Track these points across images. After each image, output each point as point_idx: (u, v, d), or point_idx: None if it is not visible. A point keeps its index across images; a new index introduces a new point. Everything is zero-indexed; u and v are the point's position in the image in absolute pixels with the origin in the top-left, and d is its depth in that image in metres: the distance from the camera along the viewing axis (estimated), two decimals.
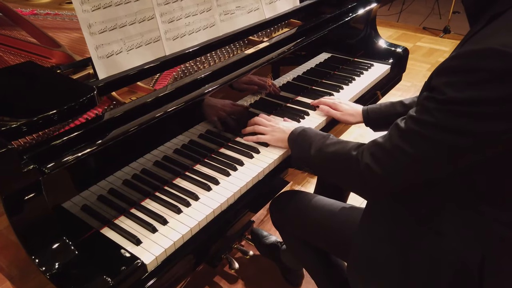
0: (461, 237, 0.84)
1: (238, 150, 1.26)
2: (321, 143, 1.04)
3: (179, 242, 0.97)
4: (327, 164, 1.02)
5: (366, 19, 1.84)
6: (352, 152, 0.92)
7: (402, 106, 1.28)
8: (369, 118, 1.34)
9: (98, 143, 0.93)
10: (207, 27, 1.27)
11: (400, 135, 0.81)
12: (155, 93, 1.08)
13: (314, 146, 1.05)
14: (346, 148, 0.95)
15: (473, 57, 0.68)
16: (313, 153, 1.04)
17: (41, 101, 0.89)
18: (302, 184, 2.25)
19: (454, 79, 0.71)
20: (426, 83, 0.81)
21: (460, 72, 0.70)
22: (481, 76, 0.67)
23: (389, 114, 1.29)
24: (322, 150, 1.02)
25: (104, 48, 1.04)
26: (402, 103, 1.29)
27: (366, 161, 0.86)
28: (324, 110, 1.42)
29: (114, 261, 0.89)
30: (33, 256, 0.83)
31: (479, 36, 0.73)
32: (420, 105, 0.78)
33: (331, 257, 1.31)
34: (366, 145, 0.90)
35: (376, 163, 0.84)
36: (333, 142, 1.03)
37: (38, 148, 0.86)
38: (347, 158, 0.93)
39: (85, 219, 0.97)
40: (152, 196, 1.09)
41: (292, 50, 1.43)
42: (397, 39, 4.49)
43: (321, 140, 1.06)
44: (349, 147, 0.95)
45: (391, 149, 0.82)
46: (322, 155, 1.02)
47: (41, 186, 0.84)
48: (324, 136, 1.07)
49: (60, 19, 1.57)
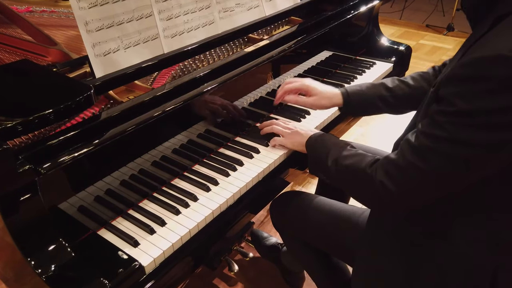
0: (473, 246, 0.83)
1: (237, 150, 1.26)
2: (338, 154, 1.00)
3: (178, 244, 0.97)
4: (342, 177, 0.99)
5: (368, 17, 1.84)
6: (367, 170, 0.90)
7: (386, 89, 1.23)
8: (350, 101, 1.24)
9: (95, 143, 0.93)
10: (206, 24, 1.27)
11: (413, 151, 0.79)
12: (153, 92, 1.08)
13: (331, 156, 1.02)
14: (362, 164, 0.92)
15: (482, 65, 0.67)
16: (330, 164, 1.01)
17: (37, 100, 0.89)
18: (303, 184, 2.26)
19: (464, 89, 0.70)
20: (433, 93, 0.80)
21: (469, 81, 0.69)
22: (492, 85, 0.66)
23: (373, 97, 1.23)
24: (339, 162, 0.99)
25: (101, 46, 1.04)
26: (385, 86, 1.24)
27: (380, 178, 0.85)
28: (291, 100, 1.31)
29: (111, 263, 0.89)
30: (29, 258, 0.83)
31: (485, 41, 0.72)
32: (430, 119, 0.77)
33: (332, 259, 1.31)
34: (379, 161, 0.89)
35: (391, 181, 0.83)
36: (350, 154, 0.99)
37: (34, 148, 0.86)
38: (362, 176, 0.91)
39: (82, 220, 0.97)
40: (150, 197, 1.09)
41: (292, 48, 1.43)
42: (399, 37, 4.49)
43: (338, 150, 1.02)
44: (364, 163, 0.92)
45: (405, 166, 0.81)
46: (338, 167, 0.99)
47: (37, 186, 0.84)
48: (341, 146, 1.03)
49: (56, 17, 1.57)
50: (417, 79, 1.24)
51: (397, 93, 1.22)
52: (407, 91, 1.22)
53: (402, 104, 1.24)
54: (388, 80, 1.26)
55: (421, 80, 1.23)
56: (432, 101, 0.79)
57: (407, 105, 1.24)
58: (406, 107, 1.25)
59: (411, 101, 1.22)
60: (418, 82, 1.23)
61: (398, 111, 1.27)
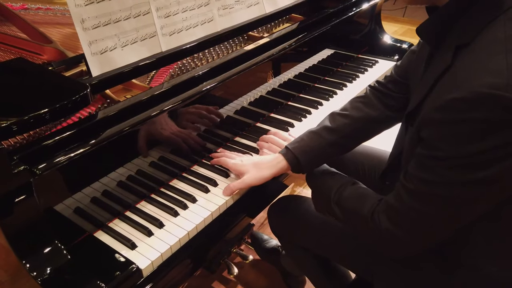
0: (498, 268, 0.84)
1: (236, 151, 1.26)
2: (339, 195, 0.96)
3: (176, 246, 0.97)
4: (347, 221, 0.97)
5: (370, 14, 1.84)
6: (369, 217, 0.88)
7: (330, 132, 1.11)
8: (300, 164, 1.09)
9: (91, 143, 0.93)
10: (205, 22, 1.27)
11: (411, 196, 0.79)
12: (150, 91, 1.08)
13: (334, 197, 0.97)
14: (364, 209, 0.89)
15: (460, 108, 0.67)
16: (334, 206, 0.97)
17: (32, 99, 0.89)
18: (304, 186, 2.25)
19: (446, 133, 0.70)
20: (414, 132, 0.79)
21: (450, 125, 0.69)
22: (474, 127, 0.66)
23: (322, 148, 1.10)
24: (341, 204, 0.96)
25: (97, 44, 1.04)
26: (327, 129, 1.12)
27: (386, 226, 0.84)
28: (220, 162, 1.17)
29: (108, 266, 0.89)
30: (24, 260, 0.83)
31: (453, 76, 0.72)
32: (419, 162, 0.76)
33: (333, 264, 1.30)
34: (379, 207, 0.87)
35: (397, 227, 0.83)
36: (349, 195, 0.95)
37: (29, 148, 0.86)
38: (366, 223, 0.89)
39: (78, 222, 0.97)
40: (147, 198, 1.09)
41: (293, 46, 1.43)
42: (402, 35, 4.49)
43: (339, 189, 0.97)
44: (367, 208, 0.89)
45: (407, 212, 0.80)
46: (341, 209, 0.96)
47: (32, 187, 0.83)
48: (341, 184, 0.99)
49: (52, 14, 1.57)
50: (359, 108, 1.15)
51: (345, 132, 1.12)
52: (355, 125, 1.13)
53: (354, 141, 1.17)
54: (326, 121, 1.15)
55: (365, 108, 1.14)
56: (416, 141, 0.78)
57: (359, 139, 1.18)
58: (359, 142, 1.18)
59: (363, 133, 1.16)
60: (362, 111, 1.14)
61: (351, 148, 1.19)
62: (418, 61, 0.96)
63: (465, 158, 0.69)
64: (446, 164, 0.71)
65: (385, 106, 1.14)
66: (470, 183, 0.71)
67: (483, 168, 0.68)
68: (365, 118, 1.14)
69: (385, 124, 1.17)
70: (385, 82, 1.16)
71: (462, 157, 0.69)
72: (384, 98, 1.14)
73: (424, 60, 0.90)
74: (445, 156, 0.70)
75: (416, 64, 0.98)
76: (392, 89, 1.14)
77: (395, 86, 1.14)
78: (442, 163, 0.72)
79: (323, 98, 1.54)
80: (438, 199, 0.75)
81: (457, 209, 0.75)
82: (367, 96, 1.18)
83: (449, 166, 0.71)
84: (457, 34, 0.75)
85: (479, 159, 0.68)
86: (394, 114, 1.13)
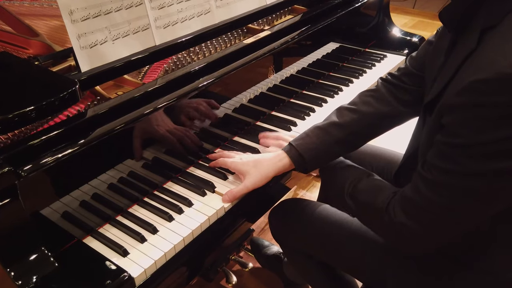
0: None
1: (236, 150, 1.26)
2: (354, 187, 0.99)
3: (171, 253, 0.97)
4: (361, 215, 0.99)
5: (378, 5, 1.84)
6: (384, 209, 0.89)
7: (337, 127, 1.11)
8: (304, 162, 1.09)
9: (80, 143, 0.93)
10: (202, 14, 1.27)
11: (429, 186, 0.79)
12: (143, 88, 1.08)
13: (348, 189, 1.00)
14: (378, 201, 0.91)
15: (483, 90, 0.67)
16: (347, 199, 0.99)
17: (17, 97, 0.89)
18: (307, 188, 2.26)
19: (468, 118, 0.70)
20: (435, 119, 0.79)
21: (473, 109, 0.69)
22: (500, 111, 0.67)
23: (328, 145, 1.10)
24: (355, 197, 0.98)
25: (87, 37, 1.04)
26: (335, 125, 1.12)
27: (400, 220, 0.85)
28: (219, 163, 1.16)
29: (98, 274, 0.89)
30: (9, 268, 0.83)
31: (479, 58, 0.72)
32: (438, 150, 0.77)
33: (338, 272, 1.30)
34: (394, 199, 0.88)
35: (412, 221, 0.83)
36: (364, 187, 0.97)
37: (14, 148, 0.86)
38: (380, 216, 0.90)
39: (67, 227, 0.97)
40: (140, 202, 1.09)
41: (296, 40, 1.43)
42: (412, 27, 4.49)
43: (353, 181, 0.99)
44: (381, 200, 0.91)
45: (424, 204, 0.81)
46: (355, 202, 0.98)
47: (17, 190, 0.83)
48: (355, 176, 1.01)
49: (38, 5, 1.57)
50: (369, 102, 1.14)
51: (353, 129, 1.12)
52: (364, 121, 1.13)
53: (363, 138, 1.17)
54: (333, 116, 1.14)
55: (376, 102, 1.14)
56: (435, 129, 0.79)
57: (368, 136, 1.18)
58: (368, 139, 1.18)
59: (373, 130, 1.16)
60: (373, 105, 1.14)
61: (359, 145, 1.19)
62: (435, 52, 0.97)
63: (487, 145, 0.69)
64: (466, 152, 0.72)
65: (397, 100, 1.13)
66: (490, 173, 0.71)
67: (505, 156, 0.69)
68: (376, 114, 1.13)
69: (397, 119, 1.17)
70: (399, 74, 1.16)
71: (483, 144, 0.69)
72: (397, 92, 1.14)
73: (445, 49, 0.90)
74: (466, 143, 0.71)
75: (433, 55, 0.98)
76: (407, 82, 1.14)
77: (410, 78, 1.13)
78: (463, 151, 0.72)
79: (328, 95, 1.54)
80: (457, 190, 0.76)
81: (476, 201, 0.76)
82: (378, 89, 1.17)
83: (469, 154, 0.71)
84: (483, 17, 0.76)
85: (501, 146, 0.68)
86: (406, 109, 1.13)
